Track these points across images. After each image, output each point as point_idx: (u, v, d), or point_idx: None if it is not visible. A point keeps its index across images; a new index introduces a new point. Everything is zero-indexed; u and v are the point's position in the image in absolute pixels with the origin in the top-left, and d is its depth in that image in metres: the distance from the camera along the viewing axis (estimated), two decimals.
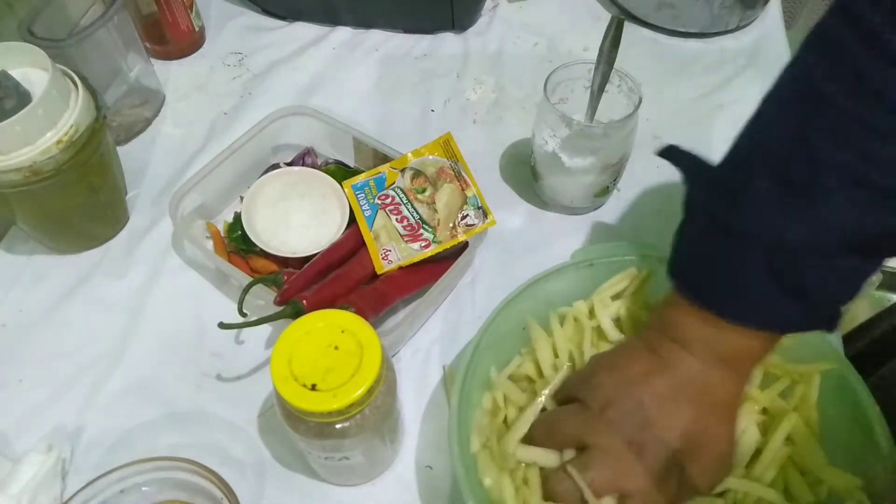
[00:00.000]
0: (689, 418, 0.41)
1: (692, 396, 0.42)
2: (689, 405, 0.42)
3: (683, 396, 0.42)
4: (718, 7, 0.76)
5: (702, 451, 0.42)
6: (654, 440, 0.41)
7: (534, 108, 0.63)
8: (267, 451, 0.53)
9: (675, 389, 0.42)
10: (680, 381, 0.42)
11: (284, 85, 0.77)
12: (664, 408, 0.42)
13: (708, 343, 0.42)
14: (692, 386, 0.42)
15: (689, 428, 0.41)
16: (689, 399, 0.42)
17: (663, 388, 0.42)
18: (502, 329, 0.51)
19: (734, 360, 0.42)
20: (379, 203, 0.60)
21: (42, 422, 0.54)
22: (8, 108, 0.52)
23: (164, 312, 0.60)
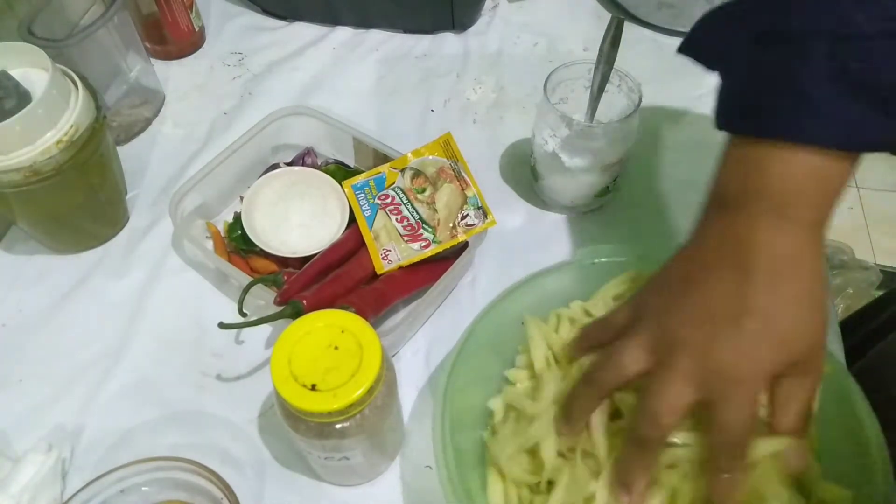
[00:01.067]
0: (747, 290, 0.37)
1: (747, 267, 0.37)
2: (745, 277, 0.37)
3: (736, 271, 0.37)
4: None
5: (758, 321, 0.37)
6: (703, 329, 0.37)
7: (534, 108, 0.63)
8: (267, 451, 0.53)
9: (724, 262, 0.38)
10: (732, 256, 0.37)
11: (284, 85, 0.77)
12: (715, 292, 0.37)
13: (763, 188, 0.37)
14: (747, 256, 0.37)
15: (743, 299, 0.37)
16: (744, 272, 0.37)
17: (713, 267, 0.38)
18: (496, 324, 0.51)
19: (797, 200, 0.37)
20: (379, 203, 0.60)
21: (42, 422, 0.54)
22: (8, 108, 0.52)
23: (164, 312, 0.60)
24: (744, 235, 0.38)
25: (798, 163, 0.36)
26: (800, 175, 0.37)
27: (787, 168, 0.37)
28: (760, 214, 0.37)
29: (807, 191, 0.37)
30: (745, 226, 0.38)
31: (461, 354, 0.49)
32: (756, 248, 0.37)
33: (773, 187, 0.37)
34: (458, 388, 0.48)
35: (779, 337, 0.37)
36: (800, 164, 0.36)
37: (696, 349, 0.37)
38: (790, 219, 0.37)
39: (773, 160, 0.37)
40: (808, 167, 0.36)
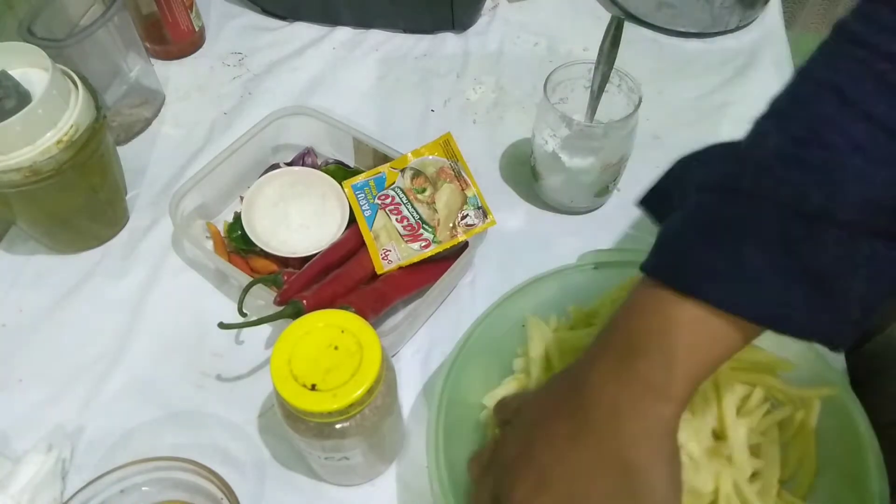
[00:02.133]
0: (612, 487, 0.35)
1: (611, 466, 0.35)
2: (609, 476, 0.35)
3: (604, 467, 0.35)
4: (718, 7, 0.76)
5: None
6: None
7: (534, 108, 0.63)
8: (267, 451, 0.53)
9: (596, 458, 0.36)
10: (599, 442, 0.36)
11: (284, 85, 0.77)
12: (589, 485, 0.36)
13: (662, 344, 0.35)
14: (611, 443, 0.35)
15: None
16: (608, 468, 0.35)
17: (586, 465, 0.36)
18: (496, 328, 0.51)
19: (685, 361, 0.34)
20: (379, 203, 0.60)
21: (42, 422, 0.54)
22: (8, 108, 0.52)
23: (164, 312, 0.60)
24: (591, 380, 0.37)
25: (706, 326, 0.34)
26: (696, 334, 0.34)
27: (681, 327, 0.34)
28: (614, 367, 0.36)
29: (693, 357, 0.35)
30: (595, 370, 0.37)
31: (458, 359, 0.49)
32: (593, 398, 0.36)
33: (671, 340, 0.34)
34: (455, 395, 0.48)
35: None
36: (706, 339, 0.34)
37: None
38: (666, 398, 0.35)
39: (667, 318, 0.35)
40: (714, 330, 0.34)
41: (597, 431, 0.36)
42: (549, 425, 0.39)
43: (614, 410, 0.35)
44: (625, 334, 0.36)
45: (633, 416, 0.35)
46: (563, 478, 0.36)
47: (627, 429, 0.35)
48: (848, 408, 0.45)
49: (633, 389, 0.35)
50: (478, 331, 0.50)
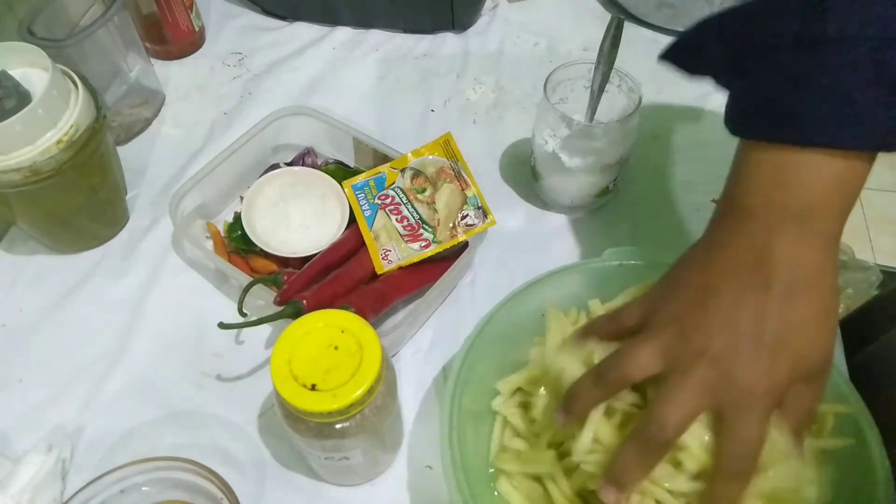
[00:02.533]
0: (766, 305, 0.36)
1: (766, 280, 0.36)
2: (763, 291, 0.36)
3: (756, 284, 0.36)
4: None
5: (778, 338, 0.36)
6: (726, 345, 0.36)
7: (534, 108, 0.63)
8: (267, 451, 0.53)
9: (743, 275, 0.37)
10: (751, 268, 0.37)
11: (284, 85, 0.77)
12: (735, 305, 0.37)
13: (786, 197, 0.36)
14: (767, 267, 0.36)
15: (764, 314, 0.36)
16: (763, 285, 0.36)
17: (732, 280, 0.37)
18: (514, 317, 0.51)
19: (821, 210, 0.37)
20: (379, 203, 0.60)
21: (42, 422, 0.54)
22: (8, 108, 0.52)
23: (164, 312, 0.60)
24: (764, 247, 0.37)
25: (825, 172, 0.36)
26: (826, 185, 0.36)
27: (814, 177, 0.36)
28: (783, 225, 0.37)
29: (831, 201, 0.37)
30: (766, 237, 0.37)
31: (475, 345, 0.49)
32: (777, 262, 0.37)
33: (798, 197, 0.36)
34: (470, 377, 0.48)
35: (796, 355, 0.36)
36: (826, 173, 0.36)
37: (715, 361, 0.36)
38: (813, 231, 0.37)
39: (798, 168, 0.36)
40: (835, 176, 0.36)
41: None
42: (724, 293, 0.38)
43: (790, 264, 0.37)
44: (757, 197, 0.38)
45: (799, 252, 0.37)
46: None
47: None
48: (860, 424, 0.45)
49: (789, 235, 0.37)
50: (496, 316, 0.50)
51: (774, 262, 0.37)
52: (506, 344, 0.51)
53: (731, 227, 0.39)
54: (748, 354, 0.36)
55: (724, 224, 0.40)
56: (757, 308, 0.37)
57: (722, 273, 0.38)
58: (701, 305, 0.38)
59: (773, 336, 0.36)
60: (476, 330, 0.50)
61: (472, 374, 0.48)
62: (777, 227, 0.37)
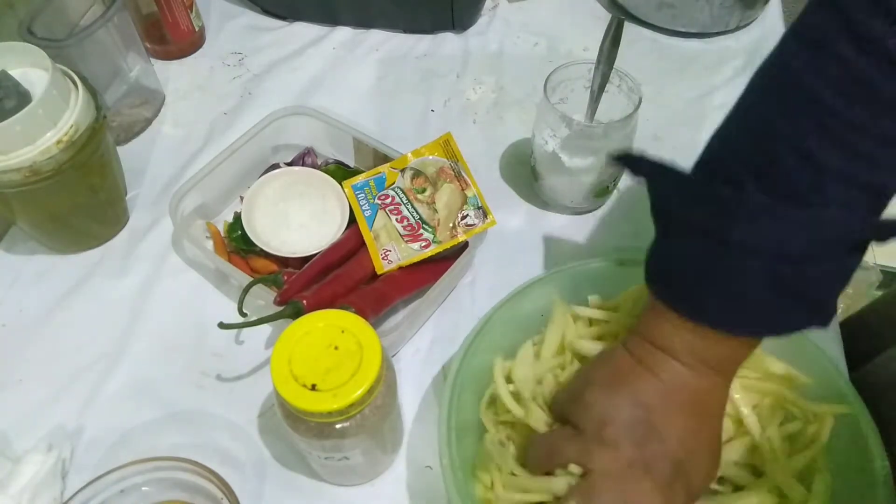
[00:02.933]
0: (684, 426, 0.41)
1: (683, 404, 0.41)
2: (681, 413, 0.41)
3: (675, 404, 0.41)
4: (718, 7, 0.76)
5: (698, 456, 0.41)
6: (658, 453, 0.40)
7: (534, 108, 0.63)
8: (267, 451, 0.53)
9: (667, 398, 0.41)
10: (670, 390, 0.41)
11: (284, 85, 0.77)
12: (660, 419, 0.41)
13: (693, 351, 0.41)
14: (683, 393, 0.41)
15: (684, 435, 0.41)
16: (681, 407, 0.41)
17: (656, 398, 0.41)
18: (516, 312, 0.51)
19: (721, 364, 0.42)
20: (379, 203, 0.60)
21: (42, 422, 0.54)
22: (8, 108, 0.52)
23: (164, 312, 0.60)
24: (684, 384, 0.41)
25: (716, 340, 0.40)
26: (717, 353, 0.41)
27: (708, 342, 0.41)
28: (693, 369, 0.41)
29: (726, 361, 0.42)
30: (683, 376, 0.41)
31: (475, 343, 0.49)
32: (696, 395, 0.42)
33: (702, 354, 0.41)
34: (473, 362, 0.48)
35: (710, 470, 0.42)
36: (718, 341, 0.40)
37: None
38: (716, 375, 0.42)
39: (686, 332, 0.41)
40: (725, 345, 0.41)
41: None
42: (616, 378, 0.43)
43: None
44: (646, 342, 0.43)
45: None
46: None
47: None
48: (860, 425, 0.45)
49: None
50: (495, 316, 0.50)
51: (693, 394, 0.42)
52: (505, 343, 0.51)
53: (658, 360, 0.42)
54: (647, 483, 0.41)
55: (647, 354, 0.43)
56: (680, 431, 0.41)
57: (656, 403, 0.42)
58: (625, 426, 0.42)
59: (693, 455, 0.41)
60: (475, 330, 0.50)
61: (471, 374, 0.48)
62: (691, 370, 0.41)
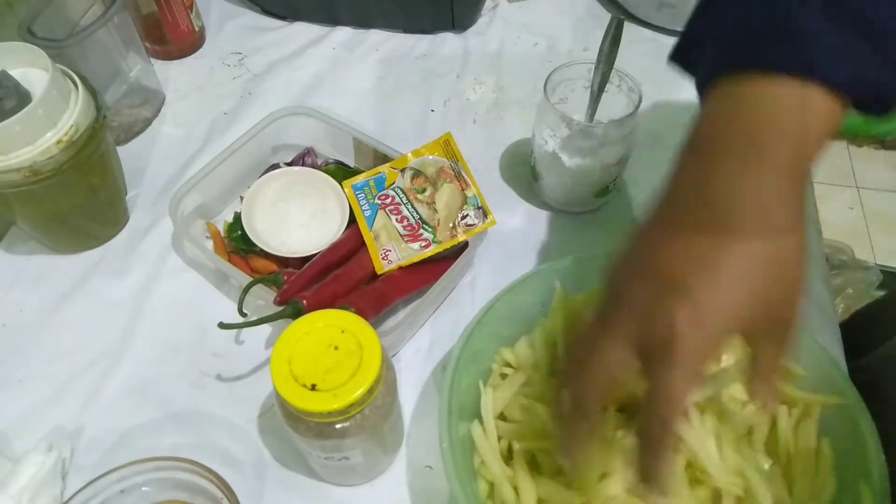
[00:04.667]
0: (698, 248, 0.33)
1: (699, 219, 0.34)
2: (696, 233, 0.34)
3: (689, 224, 0.34)
4: None
5: (708, 282, 0.33)
6: (661, 299, 0.33)
7: (534, 108, 0.63)
8: (267, 451, 0.53)
9: (680, 216, 0.35)
10: (688, 206, 0.34)
11: (284, 85, 0.77)
12: (670, 253, 0.34)
13: (734, 123, 0.34)
14: (702, 202, 0.34)
15: (695, 258, 0.33)
16: (696, 225, 0.34)
17: (671, 223, 0.35)
18: (509, 308, 0.51)
19: (769, 133, 0.33)
20: (379, 203, 0.60)
21: (42, 422, 0.54)
22: (8, 108, 0.52)
23: (164, 312, 0.60)
24: (702, 180, 0.34)
25: (777, 96, 0.33)
26: (776, 108, 0.33)
27: (764, 101, 0.33)
28: (726, 155, 0.34)
29: (781, 125, 0.33)
30: (706, 169, 0.34)
31: (475, 332, 0.49)
32: (712, 195, 0.34)
33: (745, 123, 0.33)
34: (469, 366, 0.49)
35: (727, 303, 0.33)
36: (778, 98, 0.33)
37: (634, 311, 0.34)
38: (757, 159, 0.33)
39: (750, 95, 0.34)
40: (788, 102, 0.33)
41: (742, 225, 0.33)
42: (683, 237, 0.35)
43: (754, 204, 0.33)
44: (706, 130, 0.36)
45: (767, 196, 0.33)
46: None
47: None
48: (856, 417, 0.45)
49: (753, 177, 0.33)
50: (496, 306, 0.51)
51: (711, 197, 0.34)
52: (504, 333, 0.51)
53: (679, 167, 0.36)
54: (667, 302, 0.33)
55: (677, 169, 0.36)
56: (686, 249, 0.34)
57: (663, 214, 0.36)
58: (652, 265, 0.35)
59: (698, 283, 0.33)
60: (475, 319, 0.50)
61: (471, 362, 0.49)
62: (720, 158, 0.34)
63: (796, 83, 0.33)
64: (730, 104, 0.34)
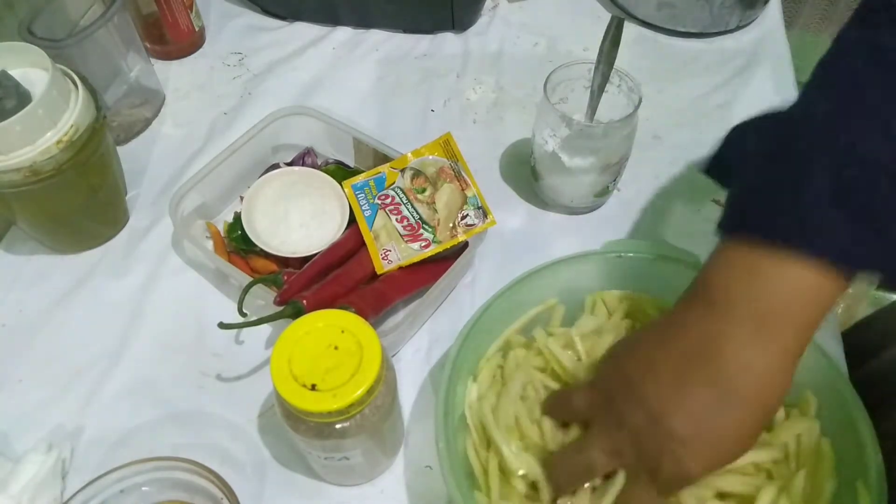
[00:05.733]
0: (701, 401, 0.38)
1: (709, 376, 0.38)
2: (702, 386, 0.38)
3: (697, 376, 0.38)
4: (718, 7, 0.76)
5: (700, 437, 0.38)
6: (655, 435, 0.39)
7: (534, 108, 0.63)
8: (267, 451, 0.53)
9: (688, 363, 0.38)
10: (697, 357, 0.38)
11: (284, 85, 0.77)
12: (672, 394, 0.38)
13: (749, 294, 0.37)
14: (712, 361, 0.37)
15: (696, 411, 0.38)
16: (704, 380, 0.38)
17: (676, 365, 0.38)
18: (508, 307, 0.51)
19: (781, 315, 0.37)
20: (379, 203, 0.60)
21: (42, 422, 0.54)
22: (8, 108, 0.52)
23: (164, 312, 0.60)
24: (716, 340, 0.38)
25: (788, 277, 0.36)
26: (788, 291, 0.36)
27: (777, 281, 0.36)
28: (741, 325, 0.37)
29: (791, 309, 0.37)
30: (720, 331, 0.38)
31: (473, 331, 0.49)
32: (724, 360, 0.37)
33: (761, 301, 0.37)
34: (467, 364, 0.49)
35: (713, 461, 0.39)
36: (790, 279, 0.36)
37: (636, 440, 0.40)
38: (769, 339, 0.37)
39: (764, 270, 0.37)
40: (798, 284, 0.36)
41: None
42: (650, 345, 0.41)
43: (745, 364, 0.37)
44: (723, 292, 0.38)
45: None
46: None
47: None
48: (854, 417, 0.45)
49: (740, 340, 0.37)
50: (495, 305, 0.51)
51: (721, 360, 0.37)
52: (503, 330, 0.52)
53: (692, 311, 0.40)
54: (664, 444, 0.39)
55: (687, 306, 0.40)
56: (689, 399, 0.38)
57: (668, 356, 0.40)
58: (642, 386, 0.40)
59: (700, 442, 0.38)
60: (473, 319, 0.50)
61: (469, 359, 0.49)
62: (734, 325, 0.37)
63: (806, 268, 0.36)
64: (746, 272, 0.37)
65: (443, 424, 0.45)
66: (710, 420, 0.37)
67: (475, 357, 0.50)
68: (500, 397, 0.48)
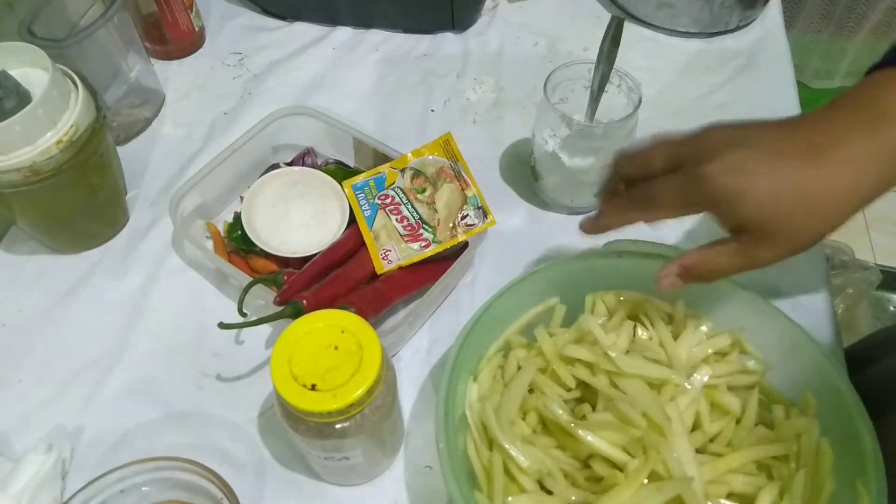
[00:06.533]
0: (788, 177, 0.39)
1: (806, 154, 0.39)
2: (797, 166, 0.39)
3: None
4: (718, 7, 0.76)
5: (780, 221, 0.39)
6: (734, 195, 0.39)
7: (534, 108, 0.63)
8: (267, 451, 0.53)
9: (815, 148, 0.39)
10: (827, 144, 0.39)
11: (284, 85, 0.77)
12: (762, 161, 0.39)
13: (876, 97, 0.39)
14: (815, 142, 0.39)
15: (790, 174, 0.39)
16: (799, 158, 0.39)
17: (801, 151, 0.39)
18: (508, 307, 0.51)
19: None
20: (379, 203, 0.60)
21: (42, 422, 0.54)
22: (8, 108, 0.52)
23: (165, 312, 0.60)
24: (835, 128, 0.39)
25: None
26: None
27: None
28: (860, 117, 0.39)
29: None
30: (840, 121, 0.39)
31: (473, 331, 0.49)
32: (835, 141, 0.39)
33: (884, 103, 0.39)
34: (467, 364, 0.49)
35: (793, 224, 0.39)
36: None
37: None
38: (882, 133, 0.38)
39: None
40: None
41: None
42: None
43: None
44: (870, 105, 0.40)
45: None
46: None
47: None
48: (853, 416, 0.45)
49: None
50: (495, 304, 0.51)
51: (822, 134, 0.39)
52: (503, 330, 0.52)
53: (838, 120, 0.40)
54: (723, 155, 0.40)
55: (831, 115, 0.40)
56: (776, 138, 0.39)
57: (779, 128, 0.40)
58: (746, 135, 0.40)
59: (757, 170, 0.39)
60: (473, 319, 0.50)
61: (469, 359, 0.49)
62: (848, 114, 0.39)
63: None
64: (876, 85, 0.40)
65: (443, 424, 0.45)
66: (798, 177, 0.39)
67: (475, 357, 0.50)
68: (503, 396, 0.47)
